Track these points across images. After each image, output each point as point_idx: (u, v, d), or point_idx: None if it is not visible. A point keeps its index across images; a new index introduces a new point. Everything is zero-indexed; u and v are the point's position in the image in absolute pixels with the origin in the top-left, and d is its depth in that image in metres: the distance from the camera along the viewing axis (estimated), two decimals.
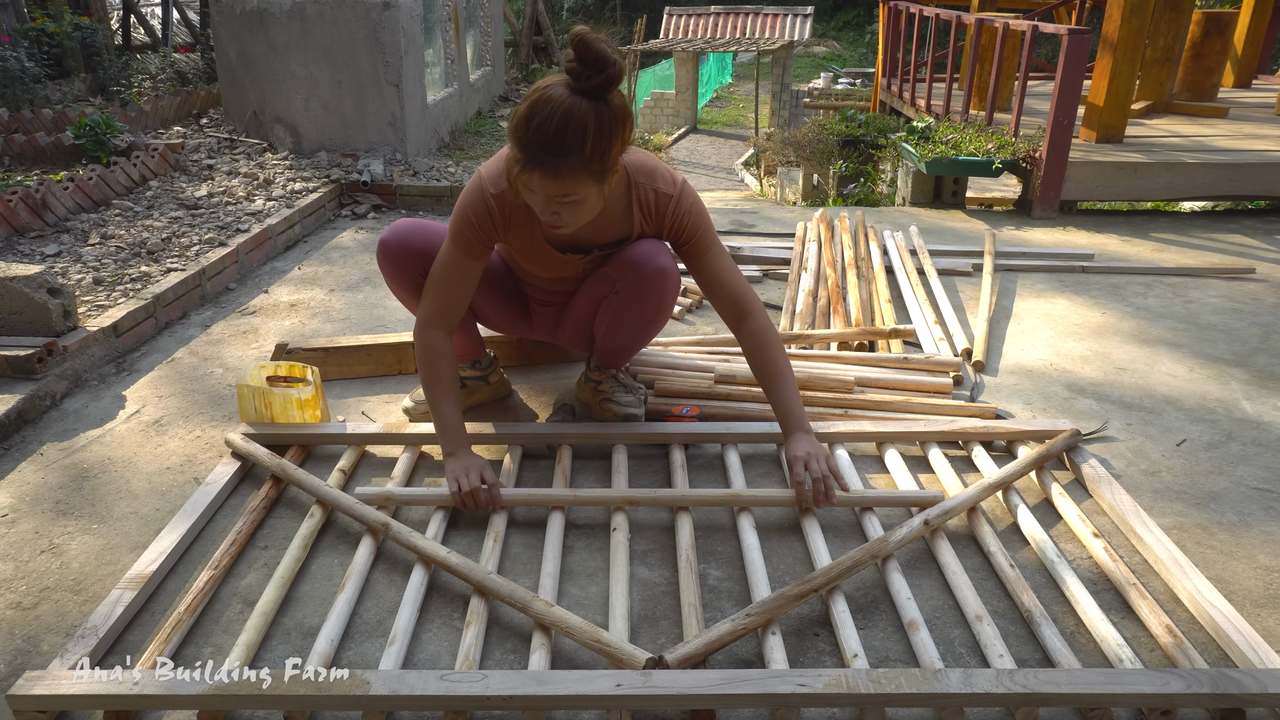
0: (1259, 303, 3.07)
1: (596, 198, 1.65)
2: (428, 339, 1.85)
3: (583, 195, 1.62)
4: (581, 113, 1.51)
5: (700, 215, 1.85)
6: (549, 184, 1.57)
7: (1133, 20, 4.23)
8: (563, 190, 1.59)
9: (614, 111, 1.54)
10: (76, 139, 4.40)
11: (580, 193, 1.61)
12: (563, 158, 1.53)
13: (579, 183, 1.58)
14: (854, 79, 16.11)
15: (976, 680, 1.26)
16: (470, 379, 2.19)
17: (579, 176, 1.57)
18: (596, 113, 1.52)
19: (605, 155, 1.56)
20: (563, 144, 1.52)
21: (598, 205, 1.68)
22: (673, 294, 1.94)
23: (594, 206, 1.67)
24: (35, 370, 2.30)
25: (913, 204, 4.70)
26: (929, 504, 1.76)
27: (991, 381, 2.45)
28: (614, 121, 1.55)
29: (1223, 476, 1.97)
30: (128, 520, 1.82)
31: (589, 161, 1.55)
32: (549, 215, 1.65)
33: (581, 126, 1.51)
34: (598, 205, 1.68)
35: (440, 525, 1.73)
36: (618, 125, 1.56)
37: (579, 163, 1.54)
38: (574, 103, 1.51)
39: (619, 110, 1.56)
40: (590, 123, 1.52)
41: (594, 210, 1.68)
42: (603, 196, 1.66)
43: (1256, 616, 1.52)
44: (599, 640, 1.38)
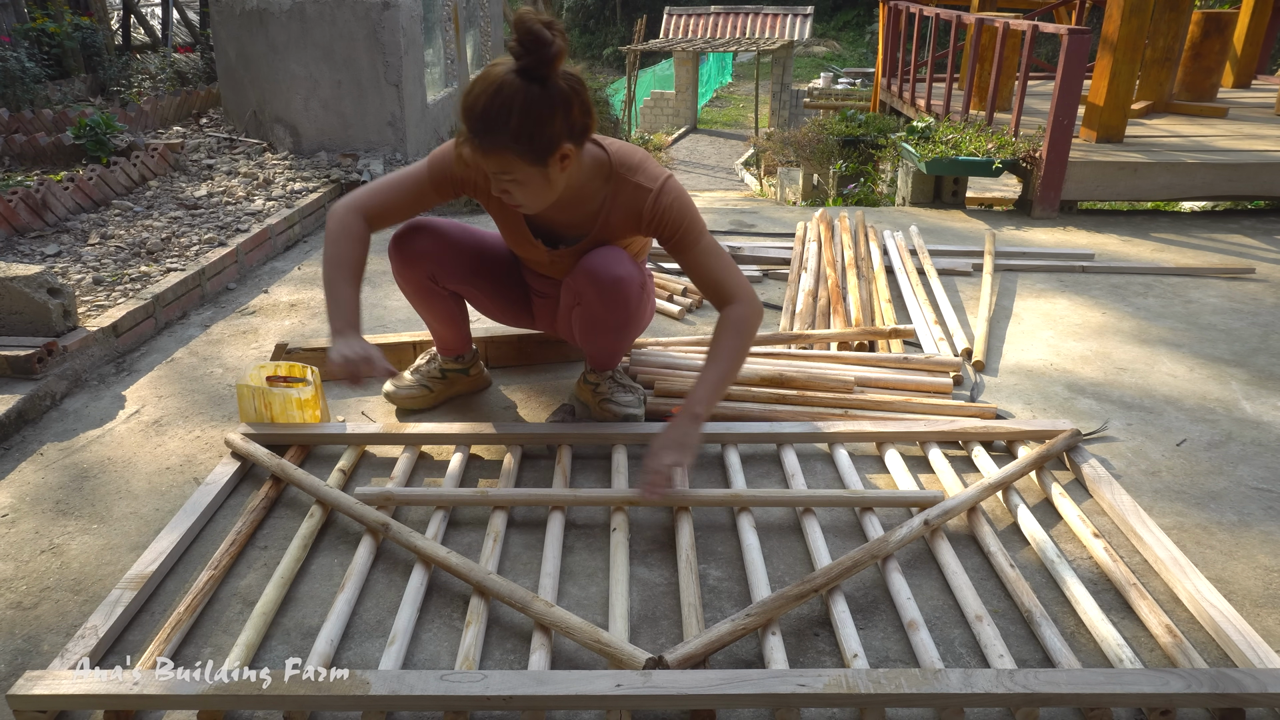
0: (1259, 303, 3.07)
1: (540, 179, 1.62)
2: (346, 222, 1.81)
3: (521, 176, 1.61)
4: (511, 91, 1.51)
5: (683, 210, 1.80)
6: (482, 160, 1.58)
7: (1133, 20, 4.23)
8: (496, 168, 1.59)
9: (552, 93, 1.52)
10: (76, 139, 4.40)
11: (516, 172, 1.60)
12: (489, 135, 1.54)
13: (509, 162, 1.57)
14: (854, 79, 16.11)
15: (976, 680, 1.26)
16: (451, 371, 2.25)
17: (507, 156, 1.56)
18: (527, 92, 1.51)
19: (536, 136, 1.54)
20: (488, 120, 1.52)
21: (546, 188, 1.65)
22: (637, 298, 1.89)
23: (542, 188, 1.65)
24: (35, 370, 2.29)
25: (913, 204, 4.70)
26: (929, 504, 1.76)
27: (991, 381, 2.45)
28: (548, 103, 1.52)
29: (1223, 476, 1.97)
30: (128, 520, 1.82)
31: (516, 141, 1.54)
32: (499, 191, 1.66)
33: (507, 105, 1.51)
34: (546, 188, 1.65)
35: (440, 525, 1.73)
36: (555, 107, 1.53)
37: (506, 141, 1.54)
38: (506, 80, 1.51)
39: (560, 92, 1.53)
40: (517, 102, 1.51)
41: (545, 192, 1.67)
42: (549, 180, 1.63)
43: (1256, 616, 1.52)
44: (599, 640, 1.38)
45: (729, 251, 3.45)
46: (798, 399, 2.22)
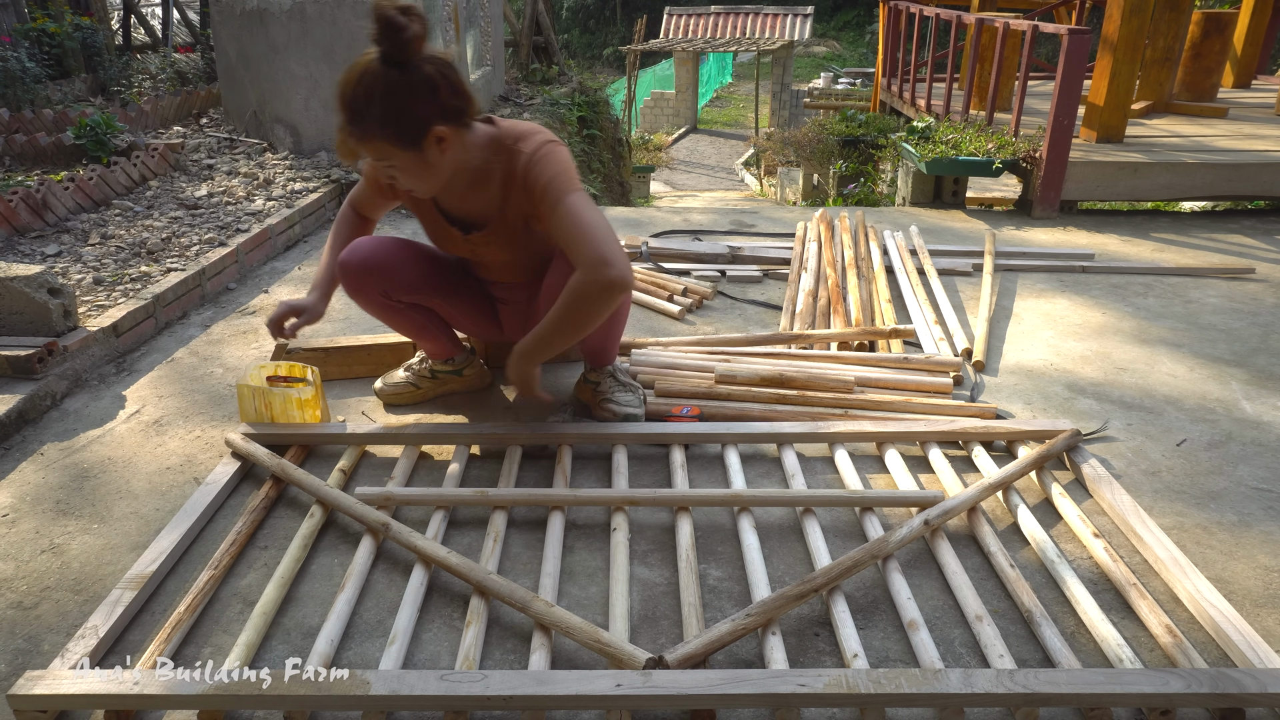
0: (1259, 303, 3.07)
1: (419, 164, 1.64)
2: (342, 211, 2.07)
3: (399, 162, 1.62)
4: (371, 79, 1.54)
5: (550, 168, 1.70)
6: (362, 148, 1.60)
7: (1133, 20, 4.23)
8: (374, 156, 1.61)
9: (414, 77, 1.54)
10: (77, 139, 4.40)
11: (393, 159, 1.61)
12: (358, 124, 1.57)
13: (384, 149, 1.59)
14: (854, 79, 16.11)
15: (976, 680, 1.26)
16: (443, 372, 2.27)
17: (379, 143, 1.58)
18: (387, 78, 1.53)
19: (400, 121, 1.56)
20: (354, 110, 1.56)
21: (428, 172, 1.66)
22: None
23: (424, 172, 1.66)
24: (35, 370, 2.30)
25: (913, 204, 4.70)
26: (929, 504, 1.77)
27: (991, 381, 2.45)
28: (410, 87, 1.54)
29: (1223, 476, 1.97)
30: (128, 520, 1.82)
31: (383, 127, 1.56)
32: (386, 179, 1.69)
33: (369, 92, 1.54)
34: (428, 172, 1.66)
35: (440, 525, 1.74)
36: (418, 90, 1.54)
37: (374, 128, 1.56)
38: (368, 69, 1.54)
39: (424, 76, 1.54)
40: (379, 89, 1.53)
41: (429, 176, 1.68)
42: (429, 163, 1.64)
43: (1256, 616, 1.52)
44: (599, 640, 1.38)
45: (730, 252, 3.46)
46: (798, 399, 2.22)
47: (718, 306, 3.05)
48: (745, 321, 2.92)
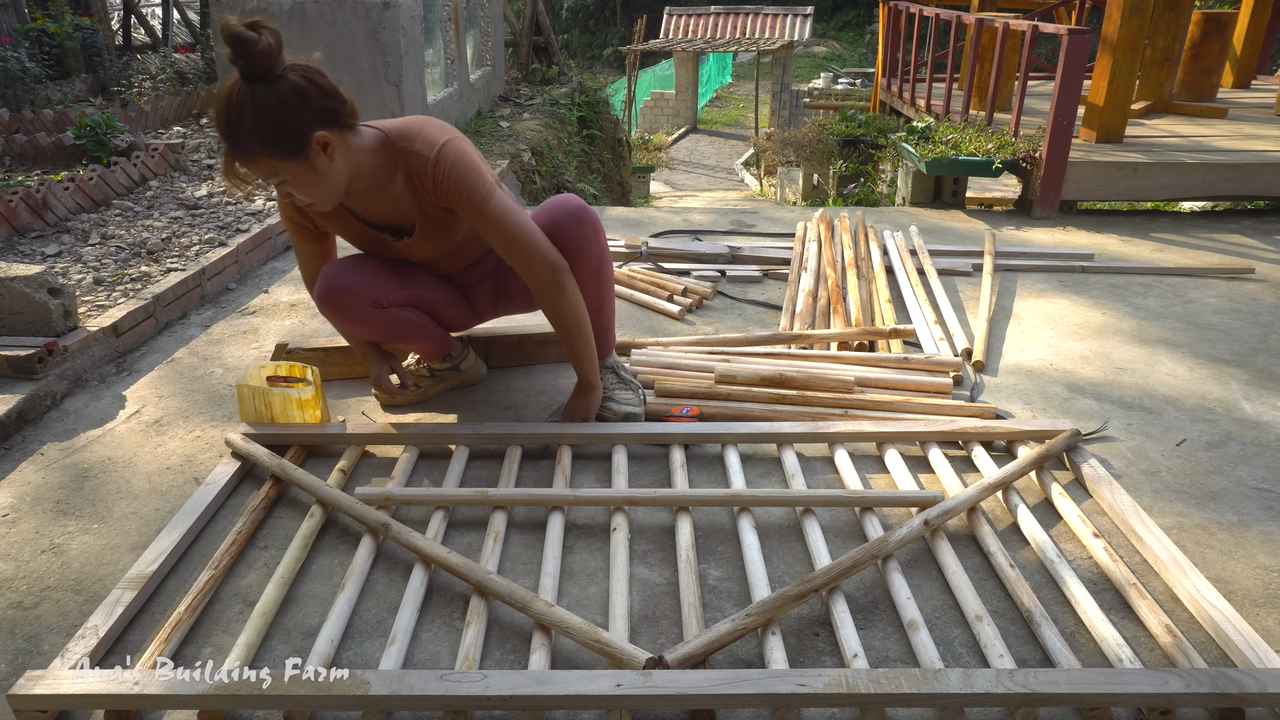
0: (1259, 303, 3.07)
1: (309, 174, 1.64)
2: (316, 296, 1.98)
3: (289, 175, 1.62)
4: (239, 98, 1.53)
5: (462, 172, 1.74)
6: (251, 169, 1.60)
7: (1132, 20, 4.23)
8: (264, 174, 1.61)
9: (275, 90, 1.54)
10: (77, 139, 4.40)
11: (283, 173, 1.61)
12: (238, 146, 1.57)
13: (271, 166, 1.60)
14: (854, 79, 16.11)
15: (976, 680, 1.26)
16: (440, 370, 2.28)
17: (264, 160, 1.58)
18: (255, 95, 1.53)
19: (279, 133, 1.56)
20: (231, 132, 1.56)
21: (322, 180, 1.66)
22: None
23: (317, 182, 1.66)
24: (35, 370, 2.30)
25: (913, 204, 4.70)
26: (929, 504, 1.77)
27: (991, 381, 2.45)
28: (279, 98, 1.54)
29: (1222, 476, 1.97)
30: (128, 520, 1.82)
31: (263, 143, 1.56)
32: (282, 197, 1.69)
33: (239, 112, 1.53)
34: (322, 180, 1.66)
35: (440, 525, 1.74)
36: (283, 102, 1.54)
37: (255, 147, 1.56)
38: (233, 90, 1.54)
39: (286, 88, 1.55)
40: (248, 106, 1.53)
41: (323, 185, 1.67)
42: (320, 171, 1.64)
43: (1256, 616, 1.52)
44: (599, 640, 1.38)
45: (730, 252, 3.46)
46: (798, 399, 2.22)
47: (718, 306, 3.05)
48: (745, 321, 2.92)
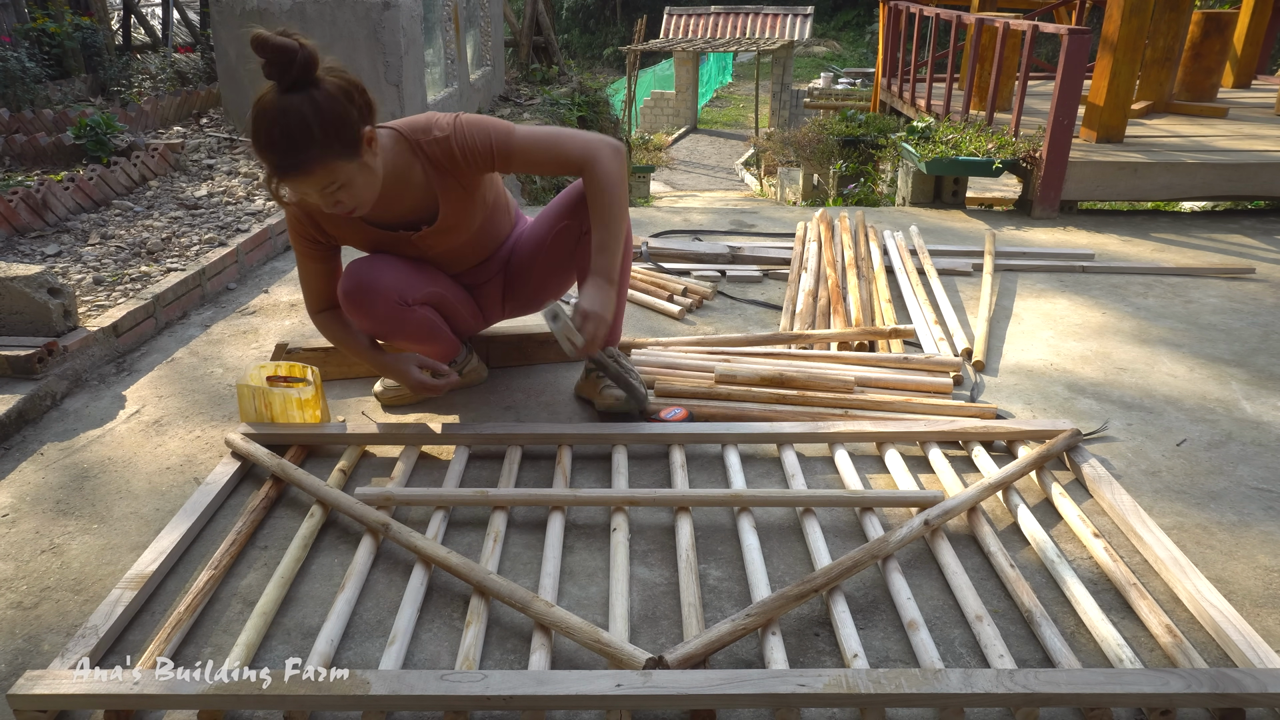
0: (1259, 303, 3.07)
1: (362, 172, 1.66)
2: (326, 320, 2.03)
3: (344, 178, 1.64)
4: (297, 108, 1.55)
5: (482, 128, 1.81)
6: (305, 183, 1.61)
7: (1133, 20, 4.23)
8: (322, 183, 1.62)
9: (326, 92, 1.57)
10: (77, 139, 4.40)
11: (340, 177, 1.63)
12: (300, 156, 1.56)
13: (331, 170, 1.61)
14: (854, 79, 16.12)
15: (976, 680, 1.26)
16: None
17: (327, 164, 1.60)
18: (313, 101, 1.55)
19: (340, 133, 1.59)
20: (293, 143, 1.56)
21: (371, 178, 1.69)
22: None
23: (367, 181, 1.69)
24: (35, 370, 2.30)
25: (913, 204, 4.70)
26: (929, 504, 1.76)
27: (991, 381, 2.45)
28: (330, 101, 1.57)
29: (1223, 476, 1.97)
30: (128, 520, 1.82)
31: (328, 147, 1.58)
32: (331, 208, 1.69)
33: (303, 120, 1.55)
34: (371, 178, 1.69)
35: (440, 525, 1.74)
36: (338, 102, 1.58)
37: (318, 153, 1.57)
38: (285, 102, 1.55)
39: (333, 88, 1.58)
40: (310, 113, 1.55)
41: (370, 184, 1.70)
42: (369, 168, 1.67)
43: (1256, 616, 1.52)
44: (599, 640, 1.38)
45: (730, 252, 3.46)
46: (798, 399, 2.22)
47: (718, 306, 3.05)
48: (745, 321, 2.92)
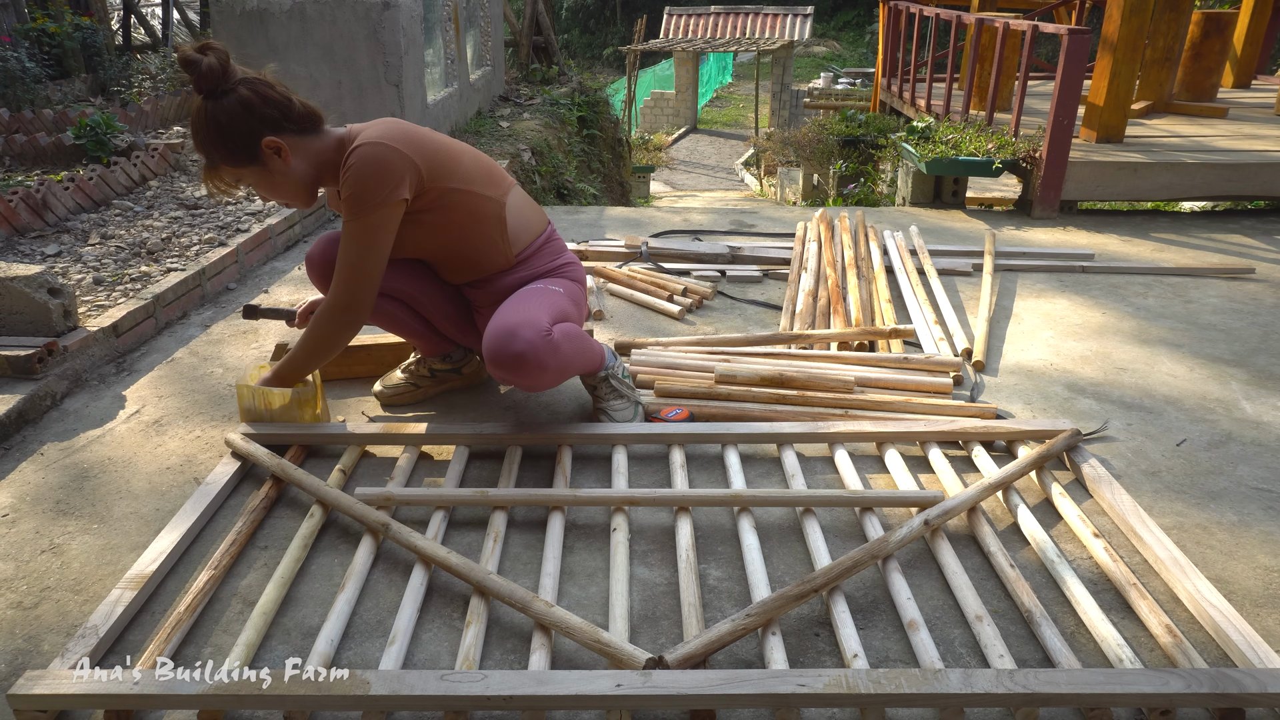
0: (1259, 303, 3.07)
1: (266, 176, 1.81)
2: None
3: (251, 179, 1.82)
4: (200, 115, 1.74)
5: (356, 180, 1.76)
6: (217, 178, 1.82)
7: (1133, 20, 4.23)
8: (233, 180, 1.81)
9: (225, 105, 1.72)
10: (77, 139, 4.40)
11: (244, 178, 1.81)
12: (207, 157, 1.78)
13: (233, 172, 1.80)
14: (854, 79, 16.12)
15: (976, 680, 1.26)
16: (441, 371, 2.27)
17: (228, 167, 1.79)
18: (214, 108, 1.72)
19: (230, 143, 1.74)
20: (200, 146, 1.77)
21: (279, 182, 1.83)
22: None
23: (278, 184, 1.83)
24: (35, 370, 2.30)
25: (913, 204, 4.70)
26: (929, 504, 1.76)
27: (991, 381, 2.45)
28: (224, 113, 1.72)
29: (1223, 476, 1.97)
30: (128, 520, 1.82)
31: (220, 152, 1.76)
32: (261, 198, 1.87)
33: (201, 127, 1.74)
34: (279, 182, 1.83)
35: (440, 525, 1.74)
36: (232, 115, 1.72)
37: (216, 157, 1.77)
38: (196, 109, 1.74)
39: (234, 102, 1.72)
40: (203, 121, 1.73)
41: (282, 187, 1.84)
42: (276, 172, 1.80)
43: (1256, 616, 1.52)
44: (599, 640, 1.38)
45: (730, 252, 3.46)
46: (798, 399, 2.22)
47: (718, 306, 3.05)
48: (745, 321, 2.92)
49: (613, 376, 2.11)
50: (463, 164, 1.89)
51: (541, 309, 1.85)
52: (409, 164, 1.78)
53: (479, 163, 1.95)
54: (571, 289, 2.02)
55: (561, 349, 1.83)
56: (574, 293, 2.02)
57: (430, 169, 1.81)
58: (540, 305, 1.87)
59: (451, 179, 1.86)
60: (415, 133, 1.84)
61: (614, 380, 2.11)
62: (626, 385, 2.14)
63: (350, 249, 1.82)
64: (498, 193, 1.94)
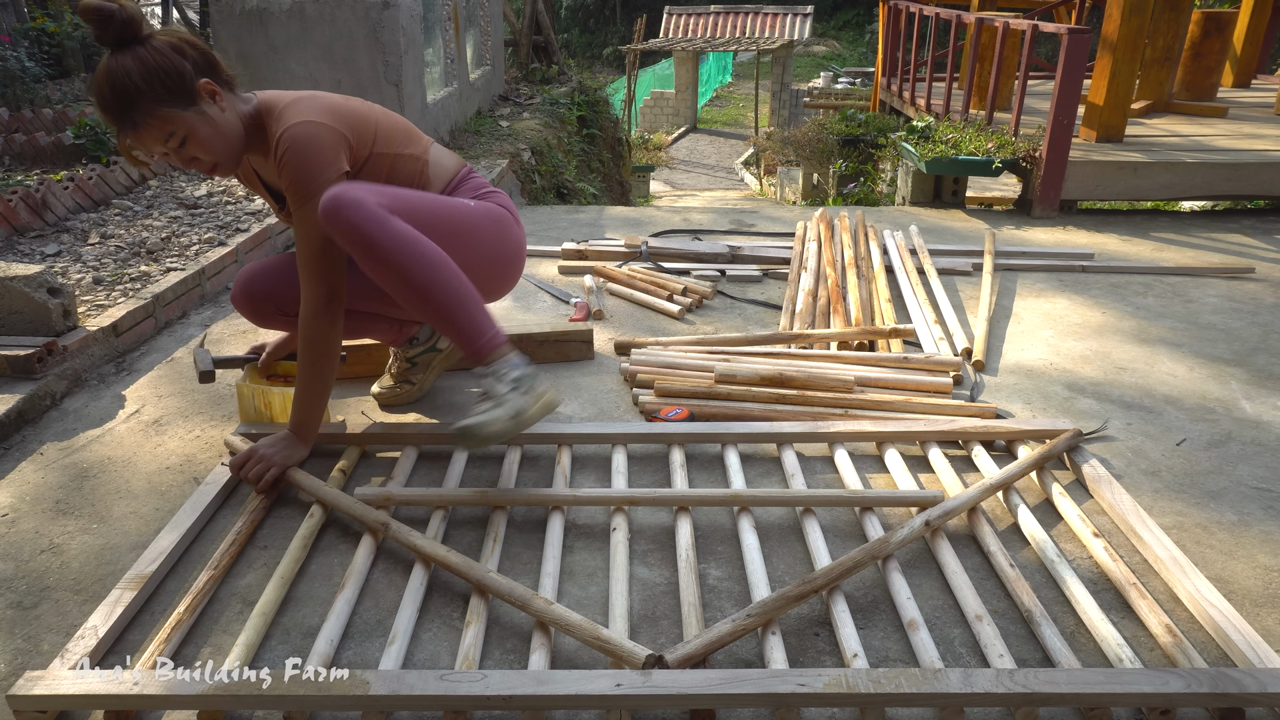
0: (1258, 302, 3.07)
1: (203, 122, 1.66)
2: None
3: (184, 128, 1.66)
4: (119, 64, 1.60)
5: (295, 164, 1.68)
6: (146, 136, 1.64)
7: (1132, 20, 4.23)
8: (161, 135, 1.65)
9: (152, 46, 1.61)
10: (76, 139, 4.40)
11: (177, 127, 1.65)
12: (130, 107, 1.60)
13: (165, 119, 1.63)
14: (854, 78, 16.11)
15: (976, 680, 1.26)
16: (419, 356, 2.21)
17: (158, 114, 1.62)
18: (135, 56, 1.60)
19: (166, 81, 1.61)
20: (121, 97, 1.60)
21: (216, 129, 1.68)
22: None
23: (214, 132, 1.68)
24: (35, 370, 2.29)
25: (913, 203, 4.70)
26: (929, 504, 1.76)
27: (991, 381, 2.45)
28: (155, 53, 1.61)
29: (1222, 476, 1.97)
30: (128, 520, 1.82)
31: (155, 97, 1.61)
32: (184, 163, 1.71)
33: (125, 74, 1.59)
34: (216, 129, 1.68)
35: (440, 525, 1.73)
36: (162, 54, 1.61)
37: (149, 102, 1.61)
38: (112, 61, 1.61)
39: (160, 44, 1.62)
40: (131, 66, 1.59)
41: (218, 136, 1.69)
42: (210, 119, 1.67)
43: (1256, 616, 1.52)
44: (599, 637, 1.38)
45: (730, 251, 3.46)
46: (798, 399, 2.22)
47: (717, 306, 3.05)
48: (745, 321, 2.92)
49: (498, 370, 1.75)
50: (381, 126, 1.84)
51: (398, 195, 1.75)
52: (339, 137, 1.73)
53: (394, 123, 1.89)
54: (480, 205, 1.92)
55: (392, 229, 1.65)
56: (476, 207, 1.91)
57: (356, 137, 1.78)
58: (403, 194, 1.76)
59: (375, 144, 1.82)
60: (334, 103, 1.78)
61: (501, 373, 1.74)
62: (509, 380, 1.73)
63: (310, 237, 1.71)
64: (418, 149, 1.91)
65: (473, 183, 2.02)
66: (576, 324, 2.76)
